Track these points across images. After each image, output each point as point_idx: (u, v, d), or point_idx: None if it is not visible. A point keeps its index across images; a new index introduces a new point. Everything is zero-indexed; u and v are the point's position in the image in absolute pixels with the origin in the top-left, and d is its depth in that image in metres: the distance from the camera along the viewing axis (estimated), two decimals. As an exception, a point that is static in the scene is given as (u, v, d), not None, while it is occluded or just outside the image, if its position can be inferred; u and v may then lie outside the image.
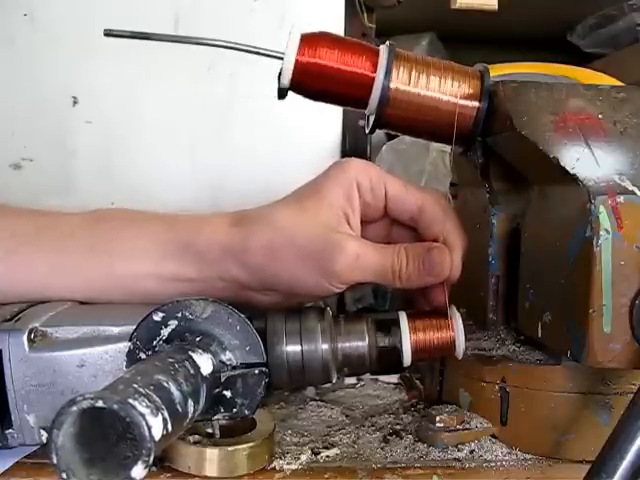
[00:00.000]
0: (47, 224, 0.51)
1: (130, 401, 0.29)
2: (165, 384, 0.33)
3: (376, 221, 0.50)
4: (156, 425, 0.30)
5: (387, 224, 0.51)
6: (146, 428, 0.29)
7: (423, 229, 0.49)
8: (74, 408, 0.29)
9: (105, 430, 0.31)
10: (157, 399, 0.31)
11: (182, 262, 0.48)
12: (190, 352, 0.38)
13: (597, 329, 0.41)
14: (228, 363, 0.42)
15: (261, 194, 0.51)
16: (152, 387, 0.32)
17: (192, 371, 0.37)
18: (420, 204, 0.48)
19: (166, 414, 0.31)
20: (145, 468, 0.29)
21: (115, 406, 0.29)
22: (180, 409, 0.33)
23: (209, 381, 0.39)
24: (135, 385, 0.31)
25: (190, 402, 0.35)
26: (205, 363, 0.39)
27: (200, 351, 0.39)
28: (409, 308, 0.49)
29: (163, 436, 0.30)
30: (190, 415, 0.35)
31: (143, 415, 0.29)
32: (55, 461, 0.29)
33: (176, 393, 0.33)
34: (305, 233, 0.46)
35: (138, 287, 0.49)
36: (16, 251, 0.49)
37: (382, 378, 0.63)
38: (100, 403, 0.29)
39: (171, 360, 0.36)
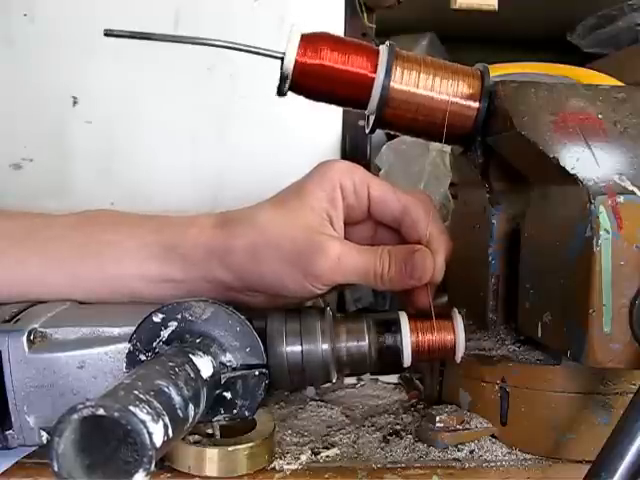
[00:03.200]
0: (37, 226, 0.51)
1: (131, 408, 0.29)
2: (166, 389, 0.33)
3: (360, 223, 0.51)
4: (157, 432, 0.30)
5: (371, 226, 0.51)
6: (147, 436, 0.29)
7: (406, 231, 0.49)
8: (75, 416, 0.29)
9: (106, 435, 0.31)
10: (158, 405, 0.31)
11: (168, 263, 0.48)
12: (190, 355, 0.38)
13: (597, 329, 0.41)
14: (228, 365, 0.42)
15: (261, 194, 0.51)
16: (153, 393, 0.32)
17: (192, 375, 0.37)
18: (403, 206, 0.49)
19: (167, 420, 0.31)
20: (147, 475, 0.29)
21: (116, 414, 0.29)
22: (181, 414, 0.33)
23: (209, 384, 0.39)
24: (136, 391, 0.31)
25: (191, 406, 0.35)
26: (205, 366, 0.39)
27: (200, 353, 0.39)
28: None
29: (164, 442, 0.30)
30: (191, 419, 0.35)
31: (144, 422, 0.29)
32: (56, 468, 0.29)
33: (177, 398, 0.33)
34: (287, 235, 0.46)
35: (127, 288, 0.49)
36: (7, 252, 0.49)
37: (382, 378, 0.63)
38: (101, 411, 0.29)
39: (171, 364, 0.36)
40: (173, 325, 0.42)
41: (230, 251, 0.47)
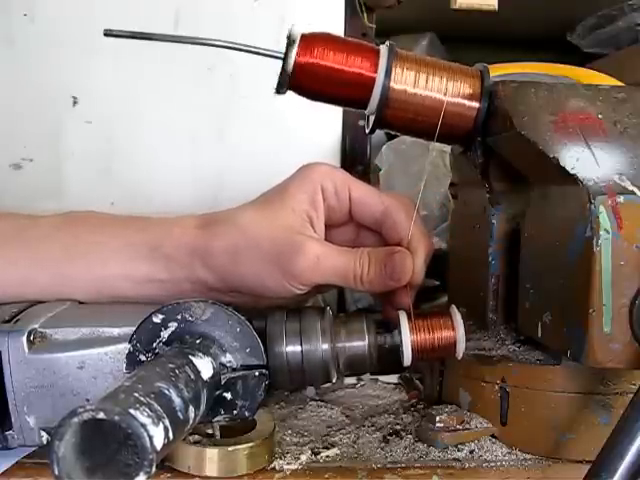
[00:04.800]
0: (24, 226, 0.51)
1: (131, 411, 0.29)
2: (166, 391, 0.33)
3: (342, 225, 0.51)
4: (157, 435, 0.30)
5: (353, 229, 0.52)
6: (147, 439, 0.29)
7: (387, 233, 0.50)
8: (75, 419, 0.29)
9: (106, 438, 0.31)
10: (158, 408, 0.31)
11: (153, 264, 0.49)
12: (190, 356, 0.38)
13: (597, 329, 0.41)
14: (228, 365, 0.42)
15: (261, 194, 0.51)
16: (153, 395, 0.32)
17: (192, 376, 0.37)
18: (384, 208, 0.49)
19: (167, 422, 0.31)
20: (147, 478, 0.29)
21: (116, 417, 0.29)
22: (181, 416, 0.33)
23: (210, 385, 0.39)
24: (136, 394, 0.31)
25: (191, 408, 0.34)
26: (205, 367, 0.39)
27: (200, 354, 0.39)
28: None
29: (165, 445, 0.30)
30: (191, 421, 0.35)
31: (144, 425, 0.29)
32: (57, 472, 0.29)
33: (177, 400, 0.33)
34: (267, 235, 0.47)
35: (112, 288, 0.50)
36: None
37: (382, 378, 0.63)
38: (101, 415, 0.29)
39: (171, 365, 0.36)
40: (173, 326, 0.42)
41: (211, 251, 0.48)
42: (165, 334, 0.42)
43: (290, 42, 0.48)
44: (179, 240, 0.49)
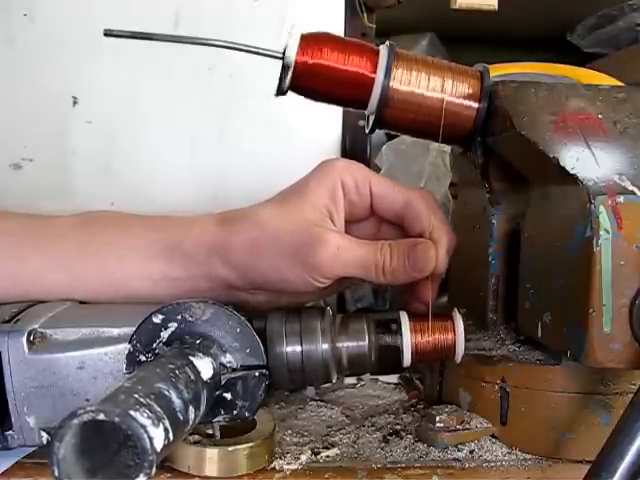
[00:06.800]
0: (38, 225, 0.51)
1: (131, 413, 0.29)
2: (166, 392, 0.33)
3: (363, 220, 0.51)
4: (157, 436, 0.30)
5: (375, 223, 0.52)
6: (147, 440, 0.29)
7: (409, 225, 0.49)
8: (75, 421, 0.29)
9: (106, 439, 0.31)
10: (158, 409, 0.31)
11: (171, 262, 0.49)
12: (190, 356, 0.38)
13: (597, 329, 0.41)
14: (228, 365, 0.42)
15: (261, 194, 0.51)
16: (153, 396, 0.32)
17: (192, 377, 0.37)
18: (405, 201, 0.49)
19: (167, 423, 0.31)
20: (147, 479, 0.29)
21: (116, 419, 0.29)
22: (181, 417, 0.33)
23: (210, 385, 0.39)
24: (136, 395, 0.31)
25: (191, 409, 0.34)
26: (205, 367, 0.39)
27: (200, 355, 0.39)
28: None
29: (165, 446, 0.30)
30: (191, 422, 0.35)
31: (144, 427, 0.29)
32: (57, 473, 0.29)
33: (177, 401, 0.33)
34: (287, 229, 0.47)
35: (130, 287, 0.49)
36: (7, 251, 0.49)
37: (382, 378, 0.63)
38: (102, 416, 0.29)
39: (171, 366, 0.36)
40: (173, 326, 0.42)
41: (231, 248, 0.47)
42: (165, 334, 0.42)
43: (290, 42, 0.48)
44: (198, 238, 0.48)
